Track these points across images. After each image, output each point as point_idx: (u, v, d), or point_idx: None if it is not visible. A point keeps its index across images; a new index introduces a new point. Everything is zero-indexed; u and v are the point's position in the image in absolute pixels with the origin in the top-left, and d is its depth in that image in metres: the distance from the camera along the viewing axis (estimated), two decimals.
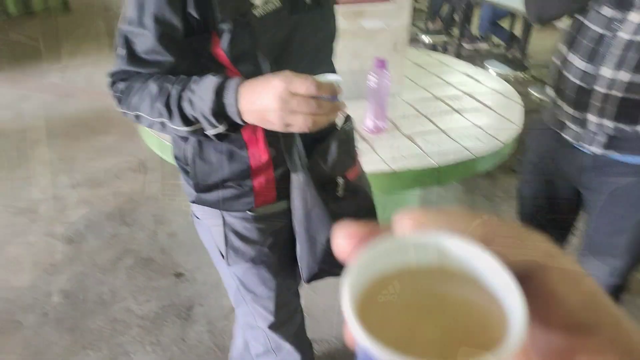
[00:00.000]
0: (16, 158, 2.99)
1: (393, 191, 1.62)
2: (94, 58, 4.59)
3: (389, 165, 1.37)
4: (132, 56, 0.85)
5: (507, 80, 2.07)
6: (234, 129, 0.85)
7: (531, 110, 1.96)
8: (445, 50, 4.37)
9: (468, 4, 4.31)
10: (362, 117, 1.54)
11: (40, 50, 4.71)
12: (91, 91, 3.86)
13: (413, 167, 1.37)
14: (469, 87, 1.90)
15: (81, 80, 4.13)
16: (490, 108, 1.72)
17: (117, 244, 2.29)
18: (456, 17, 5.04)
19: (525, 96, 2.21)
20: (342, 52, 1.18)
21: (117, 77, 0.89)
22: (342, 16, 1.40)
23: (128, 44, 0.85)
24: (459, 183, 2.73)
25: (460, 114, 1.67)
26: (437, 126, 1.57)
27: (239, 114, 0.80)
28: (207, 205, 1.02)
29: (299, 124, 0.76)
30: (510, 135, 1.52)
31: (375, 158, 1.41)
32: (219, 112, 0.80)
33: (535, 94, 2.80)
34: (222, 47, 0.84)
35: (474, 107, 1.72)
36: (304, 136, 0.93)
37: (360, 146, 1.47)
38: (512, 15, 4.33)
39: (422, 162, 1.38)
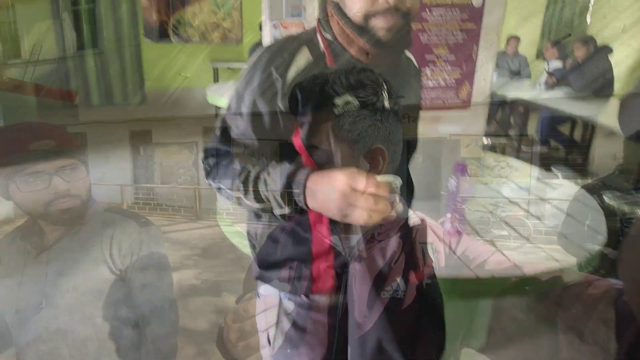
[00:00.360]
0: (85, 238, 3.13)
1: (470, 298, 1.56)
2: (166, 148, 4.92)
3: (471, 269, 1.34)
4: (226, 137, 0.99)
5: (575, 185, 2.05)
6: (299, 213, 0.93)
7: (608, 217, 1.90)
8: (503, 152, 4.40)
9: (526, 109, 4.40)
10: (440, 220, 1.54)
11: (119, 138, 5.12)
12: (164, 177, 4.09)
13: (497, 274, 1.33)
14: (543, 192, 1.89)
15: (155, 167, 4.40)
16: (571, 215, 1.69)
17: (179, 331, 2.29)
18: (512, 121, 5.13)
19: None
20: (419, 155, 1.22)
21: (209, 153, 1.02)
22: (420, 121, 1.46)
23: (224, 126, 0.99)
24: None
25: (539, 219, 1.65)
26: (517, 232, 1.55)
27: (305, 200, 0.88)
28: (267, 283, 1.07)
29: (356, 217, 0.83)
30: (596, 245, 1.47)
31: (455, 261, 1.38)
32: (287, 195, 0.89)
33: (609, 200, 2.74)
34: (301, 137, 0.93)
35: (553, 213, 1.70)
36: (369, 232, 0.95)
37: (439, 248, 1.45)
38: (572, 120, 4.36)
39: (507, 269, 1.34)
